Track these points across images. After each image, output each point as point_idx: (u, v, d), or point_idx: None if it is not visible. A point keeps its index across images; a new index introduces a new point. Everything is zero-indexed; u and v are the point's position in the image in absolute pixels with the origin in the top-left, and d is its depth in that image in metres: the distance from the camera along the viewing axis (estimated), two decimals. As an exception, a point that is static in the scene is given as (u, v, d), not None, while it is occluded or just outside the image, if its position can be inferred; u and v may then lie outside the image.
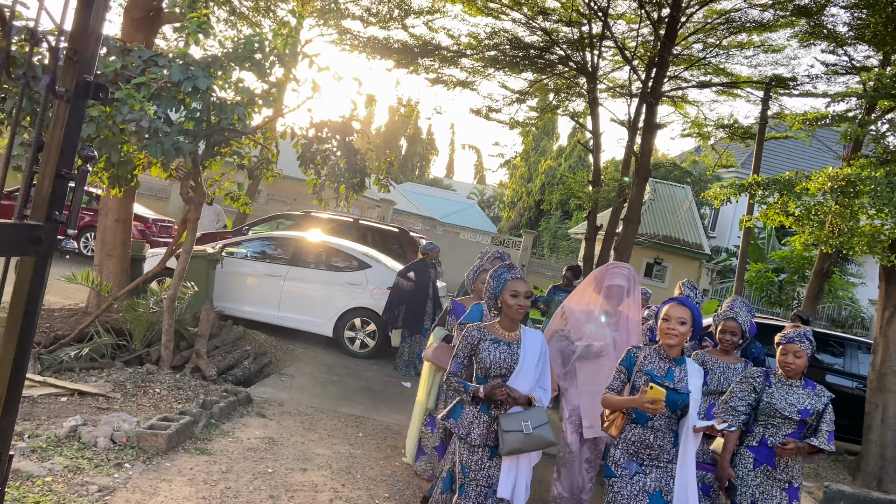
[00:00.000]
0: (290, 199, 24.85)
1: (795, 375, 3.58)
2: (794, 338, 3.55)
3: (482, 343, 3.35)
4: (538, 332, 3.54)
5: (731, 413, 3.63)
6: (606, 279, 4.59)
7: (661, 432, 3.24)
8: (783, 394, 3.56)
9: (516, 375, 3.31)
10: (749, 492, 3.53)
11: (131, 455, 4.11)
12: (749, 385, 3.66)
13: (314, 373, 7.46)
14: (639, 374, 3.31)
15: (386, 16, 17.88)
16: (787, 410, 3.50)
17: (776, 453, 3.49)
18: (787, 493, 3.49)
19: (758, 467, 3.54)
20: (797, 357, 3.53)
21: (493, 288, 3.41)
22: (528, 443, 3.21)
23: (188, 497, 3.72)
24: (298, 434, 5.24)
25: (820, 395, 3.57)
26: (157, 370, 6.06)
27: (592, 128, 18.19)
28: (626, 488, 3.23)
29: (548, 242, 34.04)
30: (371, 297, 8.80)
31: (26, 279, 2.18)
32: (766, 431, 3.57)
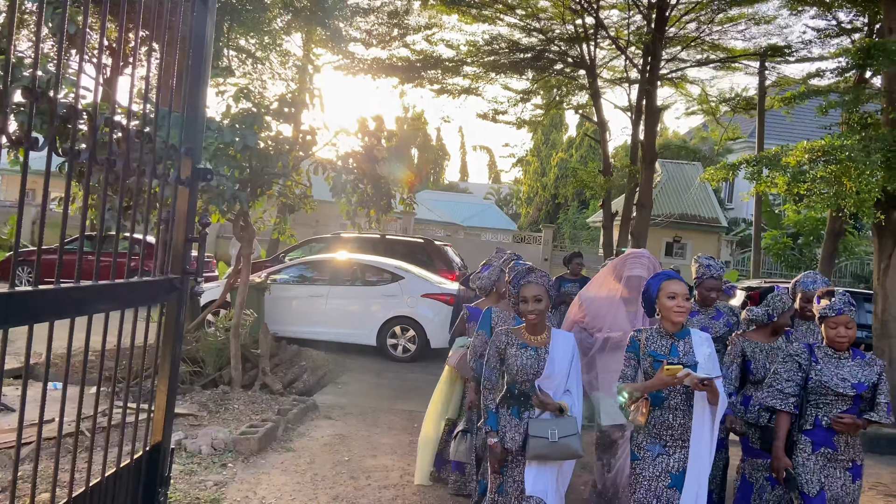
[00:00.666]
0: (313, 222, 25.79)
1: (846, 348, 3.32)
2: (843, 308, 3.25)
3: (509, 349, 3.34)
4: (569, 335, 3.52)
5: (778, 397, 3.39)
6: (626, 269, 4.49)
7: (680, 411, 3.20)
8: (833, 368, 3.29)
9: (543, 381, 3.30)
10: (815, 478, 3.28)
11: (231, 457, 4.94)
12: (794, 363, 3.39)
13: (365, 378, 8.28)
14: (644, 357, 3.28)
15: (386, 36, 18.66)
16: (841, 386, 3.24)
17: (835, 433, 3.27)
18: (851, 472, 3.29)
19: (817, 451, 3.30)
20: (849, 328, 3.26)
21: (513, 290, 3.45)
22: (552, 451, 3.20)
23: (286, 483, 4.53)
24: (363, 429, 6.04)
25: (871, 364, 3.32)
26: (231, 390, 6.91)
27: (597, 118, 18.84)
28: (647, 469, 3.21)
29: (568, 233, 34.66)
30: (407, 305, 9.60)
31: (172, 319, 3.02)
32: (820, 412, 3.31)
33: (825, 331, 3.33)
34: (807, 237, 19.81)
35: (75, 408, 2.96)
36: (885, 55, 7.18)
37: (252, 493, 4.32)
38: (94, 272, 2.40)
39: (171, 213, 2.88)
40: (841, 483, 3.27)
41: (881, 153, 6.88)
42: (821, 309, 3.33)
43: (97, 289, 2.35)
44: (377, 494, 4.50)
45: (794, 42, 17.11)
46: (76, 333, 2.23)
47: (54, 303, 2.12)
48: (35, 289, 1.98)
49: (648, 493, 3.21)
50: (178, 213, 2.98)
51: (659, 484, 3.19)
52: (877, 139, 7.04)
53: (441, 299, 9.62)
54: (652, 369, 3.23)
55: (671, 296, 3.25)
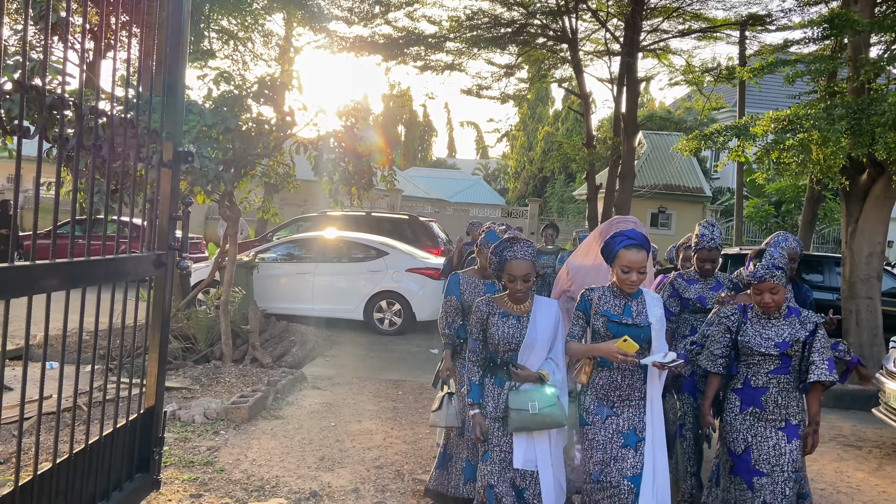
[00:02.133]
0: (301, 201, 25.89)
1: (775, 312, 3.31)
2: (764, 275, 3.23)
3: (491, 318, 3.28)
4: (553, 302, 3.44)
5: (709, 359, 3.45)
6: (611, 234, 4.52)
7: (629, 371, 3.20)
8: (758, 329, 3.31)
9: (525, 350, 3.24)
10: (741, 437, 3.31)
11: (223, 425, 5.20)
12: (723, 326, 3.43)
13: (353, 351, 8.55)
14: (596, 316, 3.25)
15: (368, 13, 18.62)
16: (763, 346, 3.26)
17: (763, 392, 3.28)
18: (785, 431, 3.24)
19: (745, 410, 3.32)
20: (774, 294, 3.24)
21: (496, 264, 3.30)
22: (533, 422, 3.16)
23: (275, 447, 4.80)
24: (349, 398, 6.32)
25: (805, 322, 3.29)
26: (222, 364, 7.16)
27: (580, 92, 18.98)
28: (599, 433, 3.20)
29: (556, 207, 34.91)
30: (392, 280, 9.85)
31: (160, 291, 3.25)
32: (749, 371, 3.33)
33: (752, 295, 3.32)
34: (788, 204, 20.14)
35: (75, 383, 3.20)
36: (848, 25, 7.39)
37: (243, 455, 4.58)
38: (85, 251, 2.62)
39: (156, 194, 3.10)
40: (773, 443, 3.22)
41: (846, 120, 7.11)
42: (747, 274, 3.33)
43: (92, 263, 2.57)
44: (361, 455, 4.78)
45: (774, 10, 17.30)
46: (71, 315, 2.44)
47: (54, 276, 2.35)
48: (34, 263, 2.20)
49: (605, 456, 3.19)
50: (162, 194, 3.20)
51: (613, 446, 3.18)
52: (842, 107, 7.27)
53: (426, 273, 9.87)
54: (605, 329, 3.21)
55: (625, 269, 3.19)
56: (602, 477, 3.17)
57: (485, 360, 3.36)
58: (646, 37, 17.24)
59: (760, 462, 3.25)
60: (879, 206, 8.03)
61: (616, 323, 3.21)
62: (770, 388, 3.27)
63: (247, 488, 4.02)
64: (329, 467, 4.49)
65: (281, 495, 3.94)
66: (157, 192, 3.12)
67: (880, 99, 7.18)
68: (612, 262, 3.29)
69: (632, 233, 3.28)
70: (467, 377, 3.35)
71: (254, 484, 4.10)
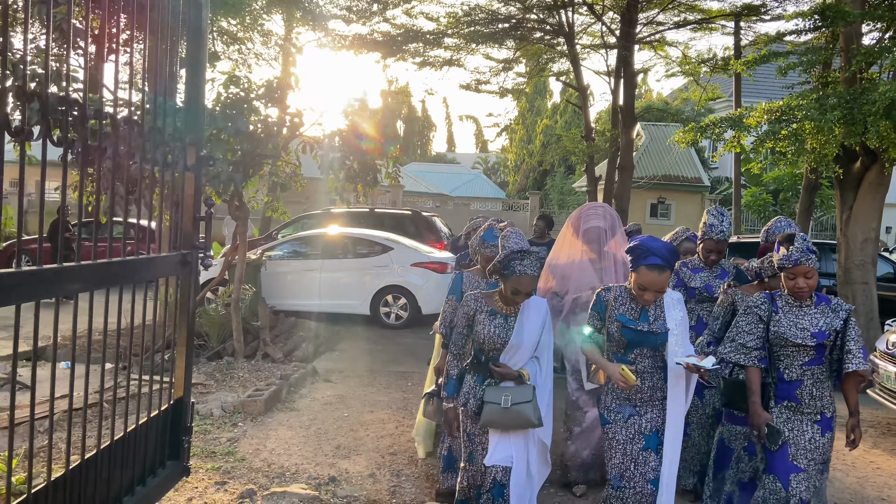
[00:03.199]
0: (303, 199, 26.00)
1: (807, 298, 3.17)
2: (800, 259, 3.06)
3: (478, 315, 3.25)
4: (542, 302, 3.40)
5: (741, 352, 3.22)
6: (582, 223, 4.36)
7: (648, 373, 3.13)
8: (792, 318, 3.15)
9: (509, 350, 3.22)
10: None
11: (240, 418, 5.39)
12: (754, 315, 3.24)
13: (361, 345, 8.76)
14: (611, 319, 3.16)
15: (366, 11, 18.74)
16: (799, 337, 3.10)
17: (798, 386, 3.14)
18: (819, 424, 3.12)
19: (780, 403, 3.18)
20: (808, 278, 3.10)
21: (500, 269, 3.20)
22: (504, 417, 3.13)
23: (292, 437, 5.00)
24: (360, 389, 6.51)
25: (836, 309, 3.16)
26: (235, 360, 7.35)
27: (577, 85, 19.14)
28: (620, 433, 3.12)
29: (556, 199, 35.07)
30: (398, 275, 10.04)
31: (186, 289, 3.44)
32: (782, 364, 3.18)
33: (784, 281, 3.17)
34: (785, 193, 20.31)
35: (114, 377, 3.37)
36: (839, 16, 7.55)
37: (262, 445, 4.78)
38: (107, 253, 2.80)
39: (181, 197, 3.28)
40: (808, 437, 3.10)
41: (838, 110, 7.28)
42: (778, 258, 3.15)
43: (126, 264, 2.76)
44: (375, 443, 4.98)
45: (768, 0, 17.37)
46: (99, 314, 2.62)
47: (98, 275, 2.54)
48: (81, 263, 2.39)
49: (625, 458, 3.09)
50: (185, 197, 3.38)
51: (634, 447, 3.10)
52: (834, 96, 7.45)
53: (430, 267, 10.05)
54: (619, 335, 3.12)
55: (642, 287, 3.08)
56: (623, 483, 3.08)
57: (466, 354, 3.34)
58: (642, 29, 17.39)
59: (798, 457, 3.10)
60: (873, 193, 8.21)
61: (631, 329, 3.10)
62: (805, 381, 3.13)
63: (268, 475, 4.22)
64: (345, 455, 4.69)
65: (301, 481, 4.13)
66: (182, 194, 3.31)
67: (872, 88, 7.35)
68: (634, 269, 3.13)
69: (661, 251, 3.06)
70: (446, 370, 3.32)
71: (274, 471, 4.30)
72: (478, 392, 3.27)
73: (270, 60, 19.14)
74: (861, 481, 4.73)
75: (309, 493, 3.88)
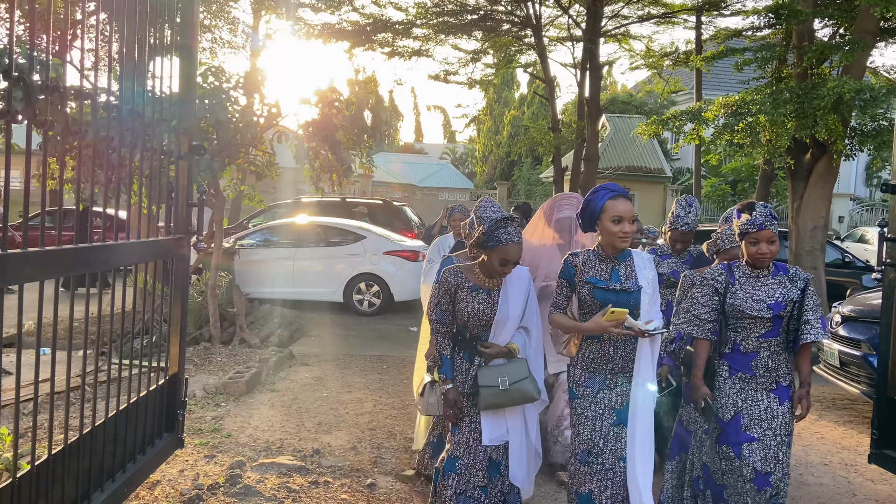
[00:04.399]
0: (271, 188, 25.97)
1: (768, 265, 3.09)
2: (764, 223, 3.00)
3: (460, 292, 3.14)
4: (524, 270, 3.30)
5: (694, 323, 3.15)
6: (555, 212, 4.38)
7: (622, 342, 2.96)
8: (748, 290, 3.08)
9: (496, 326, 3.14)
10: (730, 402, 3.09)
11: (223, 399, 5.58)
12: (710, 287, 3.16)
13: (335, 331, 8.97)
14: (581, 283, 3.02)
15: (334, 0, 18.75)
16: (755, 309, 3.03)
17: (753, 357, 3.08)
18: (776, 393, 3.05)
19: (734, 374, 3.11)
20: (771, 244, 3.02)
21: (484, 240, 3.08)
22: (505, 398, 3.06)
23: (274, 416, 5.21)
24: (338, 372, 6.74)
25: (794, 279, 3.09)
26: (212, 346, 7.50)
27: (545, 77, 19.47)
28: (590, 408, 2.98)
29: (523, 190, 35.49)
30: (370, 263, 10.26)
31: (181, 270, 3.63)
32: (738, 336, 3.11)
33: (745, 247, 3.08)
34: (743, 183, 21.00)
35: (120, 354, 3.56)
36: (791, 14, 7.97)
37: (246, 423, 4.99)
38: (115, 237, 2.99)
39: (176, 184, 3.47)
40: (765, 406, 3.03)
41: (790, 105, 7.71)
42: (741, 224, 3.08)
43: (128, 246, 2.96)
44: (355, 420, 5.22)
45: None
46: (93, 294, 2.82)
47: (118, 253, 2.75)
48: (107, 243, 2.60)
49: (594, 434, 2.96)
50: (179, 184, 3.57)
51: (604, 423, 2.96)
52: (787, 91, 7.87)
53: (403, 256, 10.29)
54: (591, 297, 2.97)
55: (616, 219, 2.91)
56: (590, 458, 2.95)
57: (453, 332, 3.24)
58: (607, 22, 17.75)
59: (752, 427, 3.04)
60: (822, 183, 8.69)
61: (603, 290, 2.96)
62: (761, 353, 3.08)
63: (255, 449, 4.44)
64: (327, 430, 4.93)
65: (287, 454, 4.36)
66: (177, 182, 3.49)
67: (821, 84, 7.79)
68: (597, 221, 3.00)
69: (612, 185, 3.04)
70: (437, 350, 3.19)
71: (260, 445, 4.52)
72: (465, 368, 3.17)
73: (238, 48, 19.07)
74: (806, 449, 5.13)
75: (296, 463, 4.12)
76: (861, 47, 7.40)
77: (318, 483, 3.90)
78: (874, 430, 3.83)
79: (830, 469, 4.70)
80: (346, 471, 4.16)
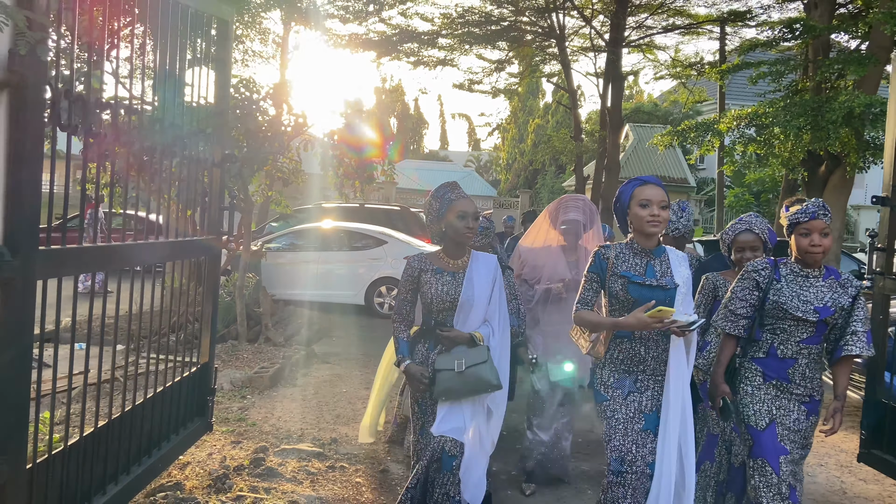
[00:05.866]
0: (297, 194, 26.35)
1: (820, 262, 2.85)
2: (817, 212, 2.77)
3: (423, 275, 3.04)
4: (491, 256, 3.20)
5: (728, 318, 2.93)
6: (561, 214, 4.25)
7: (654, 342, 2.77)
8: (795, 288, 2.82)
9: (461, 309, 3.02)
10: (765, 408, 2.85)
11: (248, 391, 5.92)
12: (751, 280, 2.90)
13: (356, 332, 9.30)
14: (613, 277, 2.81)
15: (362, 11, 19.21)
16: (801, 310, 2.78)
17: (791, 364, 2.84)
18: (806, 406, 2.85)
19: (769, 381, 2.88)
20: (824, 236, 2.78)
21: (436, 210, 3.04)
22: (461, 383, 2.90)
23: (296, 408, 5.53)
24: (357, 370, 7.05)
25: (846, 285, 2.85)
26: (239, 343, 7.86)
27: (568, 86, 19.70)
28: (620, 411, 2.78)
29: (546, 198, 35.67)
30: (391, 267, 10.58)
31: (213, 268, 3.96)
32: (776, 339, 2.86)
33: (796, 240, 2.84)
34: (766, 194, 20.96)
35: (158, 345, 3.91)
36: (807, 30, 8.13)
37: (270, 414, 5.31)
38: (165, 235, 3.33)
39: (210, 189, 3.80)
40: (794, 417, 2.83)
41: (804, 117, 7.87)
42: (791, 215, 2.85)
43: (169, 244, 3.30)
44: (371, 414, 5.52)
45: (753, 7, 17.95)
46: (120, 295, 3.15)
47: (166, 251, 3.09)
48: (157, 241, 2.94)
49: (626, 440, 2.75)
50: (213, 189, 3.90)
51: (634, 426, 2.76)
52: (800, 105, 8.04)
53: (422, 260, 10.59)
54: (625, 292, 2.79)
55: (644, 203, 2.75)
56: (624, 468, 2.74)
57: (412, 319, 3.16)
58: (630, 33, 17.95)
59: (785, 438, 2.83)
60: (836, 194, 8.81)
61: (638, 285, 2.78)
62: (799, 360, 2.85)
63: (277, 436, 4.75)
64: (344, 422, 5.24)
65: (307, 441, 4.67)
66: (211, 187, 3.83)
67: (835, 97, 7.94)
68: (627, 211, 2.86)
69: (643, 176, 2.93)
70: (394, 335, 3.14)
71: (282, 434, 4.83)
72: (429, 358, 3.05)
73: (269, 58, 19.59)
74: (806, 452, 5.30)
75: (315, 449, 4.42)
76: (873, 62, 7.53)
77: (334, 468, 4.20)
78: (863, 430, 4.02)
79: (825, 469, 4.87)
80: (360, 458, 4.45)
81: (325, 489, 3.87)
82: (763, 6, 17.04)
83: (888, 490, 4.50)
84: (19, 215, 2.09)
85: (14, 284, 2.07)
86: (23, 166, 2.09)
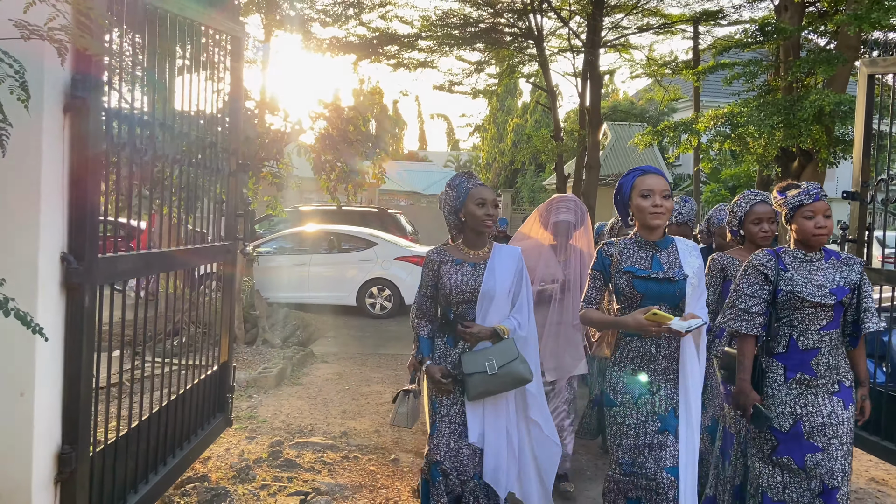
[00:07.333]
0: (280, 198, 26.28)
1: (824, 244, 2.75)
2: (819, 193, 2.70)
3: (443, 266, 2.93)
4: (515, 248, 3.10)
5: (742, 318, 2.75)
6: (552, 215, 4.17)
7: (665, 339, 2.67)
8: (805, 274, 2.70)
9: (482, 301, 2.88)
10: (787, 410, 2.71)
11: (254, 391, 6.12)
12: (758, 275, 2.76)
13: (350, 332, 9.52)
14: (619, 274, 2.72)
15: (341, 15, 19.34)
16: (818, 295, 2.66)
17: (814, 354, 2.69)
18: (839, 396, 2.69)
19: (791, 378, 2.72)
20: (827, 217, 2.69)
21: (454, 200, 2.95)
22: (495, 383, 2.79)
23: (303, 405, 5.75)
24: (356, 368, 7.28)
25: (849, 263, 2.75)
26: (237, 346, 8.04)
27: (547, 86, 20.03)
28: (631, 416, 2.69)
29: (527, 197, 36.04)
30: (382, 268, 10.82)
31: (230, 272, 4.18)
32: (795, 330, 2.72)
33: (799, 223, 2.71)
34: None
35: (182, 346, 4.11)
36: (777, 31, 8.51)
37: (278, 411, 5.53)
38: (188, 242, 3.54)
39: (228, 198, 4.02)
40: (828, 411, 2.66)
41: (777, 116, 8.25)
42: (792, 198, 2.73)
43: (195, 250, 3.51)
44: (375, 408, 5.76)
45: (725, 7, 18.44)
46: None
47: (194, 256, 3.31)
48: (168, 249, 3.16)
49: (638, 443, 2.68)
50: (229, 198, 4.12)
51: (648, 429, 2.67)
52: (772, 104, 8.42)
53: (413, 261, 10.84)
54: (631, 288, 2.70)
55: (645, 193, 2.67)
56: (635, 468, 2.66)
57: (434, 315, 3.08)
58: (607, 33, 18.32)
59: (814, 435, 2.68)
60: (809, 188, 9.20)
61: (644, 279, 2.68)
62: (822, 348, 2.70)
63: (289, 431, 4.97)
64: (351, 417, 5.47)
65: (318, 435, 4.90)
66: (228, 195, 4.04)
67: (806, 96, 8.33)
68: (628, 203, 2.78)
69: (643, 166, 2.85)
70: (415, 332, 3.05)
71: (293, 429, 5.05)
72: (449, 354, 2.95)
73: (250, 62, 19.66)
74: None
75: (327, 442, 4.66)
76: (841, 61, 7.92)
77: (348, 458, 4.44)
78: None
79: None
80: (371, 448, 4.69)
81: (342, 477, 4.11)
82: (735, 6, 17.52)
83: (864, 465, 4.83)
84: (82, 226, 2.31)
85: (81, 289, 2.29)
86: (85, 182, 2.31)
